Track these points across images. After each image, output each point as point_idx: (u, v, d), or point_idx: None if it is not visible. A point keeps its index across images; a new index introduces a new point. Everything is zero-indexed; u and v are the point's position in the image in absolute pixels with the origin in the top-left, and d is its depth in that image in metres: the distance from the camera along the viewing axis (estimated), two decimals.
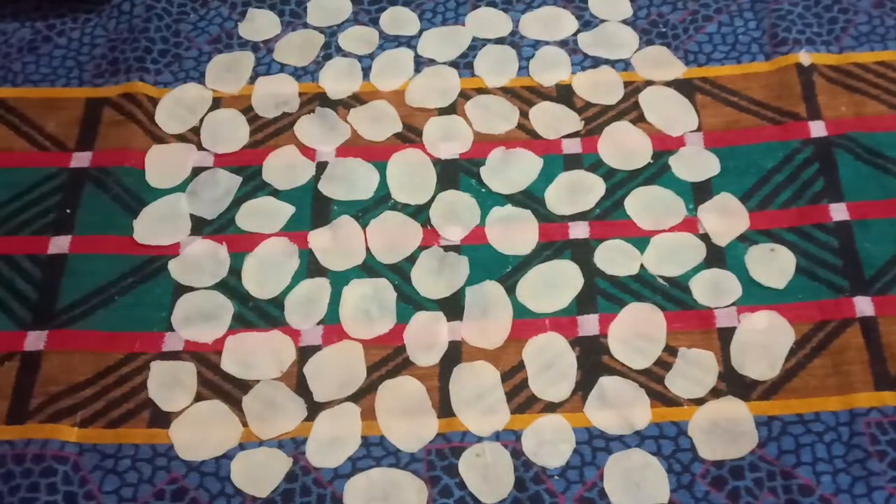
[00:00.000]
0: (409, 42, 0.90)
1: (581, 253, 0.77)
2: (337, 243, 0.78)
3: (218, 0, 0.93)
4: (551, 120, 0.84)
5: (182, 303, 0.76)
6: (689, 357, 0.72)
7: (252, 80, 0.88)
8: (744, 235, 0.77)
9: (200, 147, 0.84)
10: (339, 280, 0.76)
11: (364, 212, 0.80)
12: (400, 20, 0.91)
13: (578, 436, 0.69)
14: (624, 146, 0.82)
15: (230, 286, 0.77)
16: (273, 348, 0.74)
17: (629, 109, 0.85)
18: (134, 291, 0.76)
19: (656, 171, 0.81)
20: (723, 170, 0.80)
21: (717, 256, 0.76)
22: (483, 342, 0.73)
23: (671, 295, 0.75)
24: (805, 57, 0.86)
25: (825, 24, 0.88)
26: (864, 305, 0.73)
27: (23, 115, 0.86)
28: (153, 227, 0.79)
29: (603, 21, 0.91)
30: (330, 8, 0.93)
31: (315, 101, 0.86)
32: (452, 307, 0.75)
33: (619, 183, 0.81)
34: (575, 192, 0.80)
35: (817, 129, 0.82)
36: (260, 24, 0.92)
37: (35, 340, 0.74)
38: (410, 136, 0.84)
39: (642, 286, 0.75)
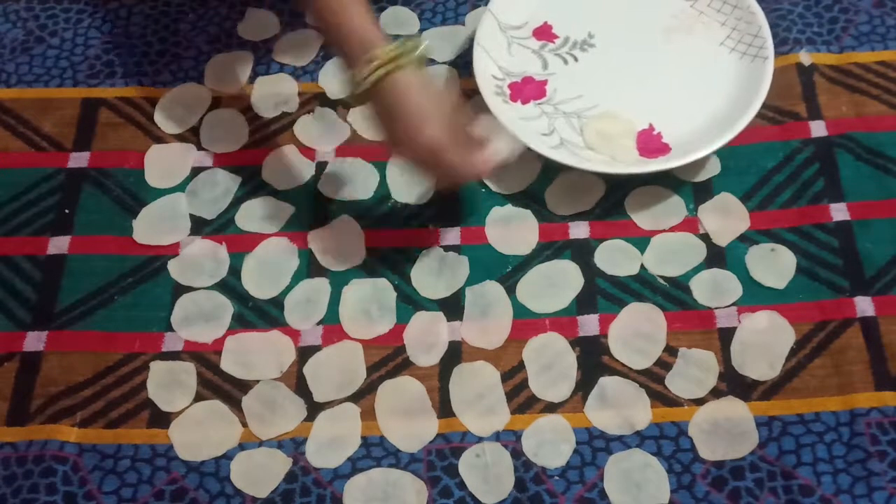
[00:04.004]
0: None
1: (581, 253, 0.77)
2: (337, 243, 0.78)
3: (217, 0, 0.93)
4: None
5: (182, 303, 0.75)
6: (689, 357, 0.72)
7: (251, 79, 0.88)
8: (744, 235, 0.77)
9: (200, 147, 0.84)
10: (338, 280, 0.76)
11: (364, 212, 0.80)
12: (400, 20, 0.91)
13: (578, 436, 0.69)
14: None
15: (230, 286, 0.76)
16: (273, 348, 0.73)
17: None
18: (133, 291, 0.76)
19: (656, 171, 0.81)
20: (723, 170, 0.80)
21: (717, 256, 0.76)
22: (483, 342, 0.73)
23: (671, 295, 0.75)
24: (805, 57, 0.86)
25: (825, 24, 0.88)
26: (864, 305, 0.73)
27: (19, 115, 0.86)
28: (153, 227, 0.79)
29: None
30: None
31: (315, 100, 0.86)
32: (452, 307, 0.75)
33: (619, 183, 0.80)
34: (575, 192, 0.80)
35: (818, 128, 0.82)
36: (259, 23, 0.92)
37: (34, 341, 0.74)
38: None
39: (642, 286, 0.75)
